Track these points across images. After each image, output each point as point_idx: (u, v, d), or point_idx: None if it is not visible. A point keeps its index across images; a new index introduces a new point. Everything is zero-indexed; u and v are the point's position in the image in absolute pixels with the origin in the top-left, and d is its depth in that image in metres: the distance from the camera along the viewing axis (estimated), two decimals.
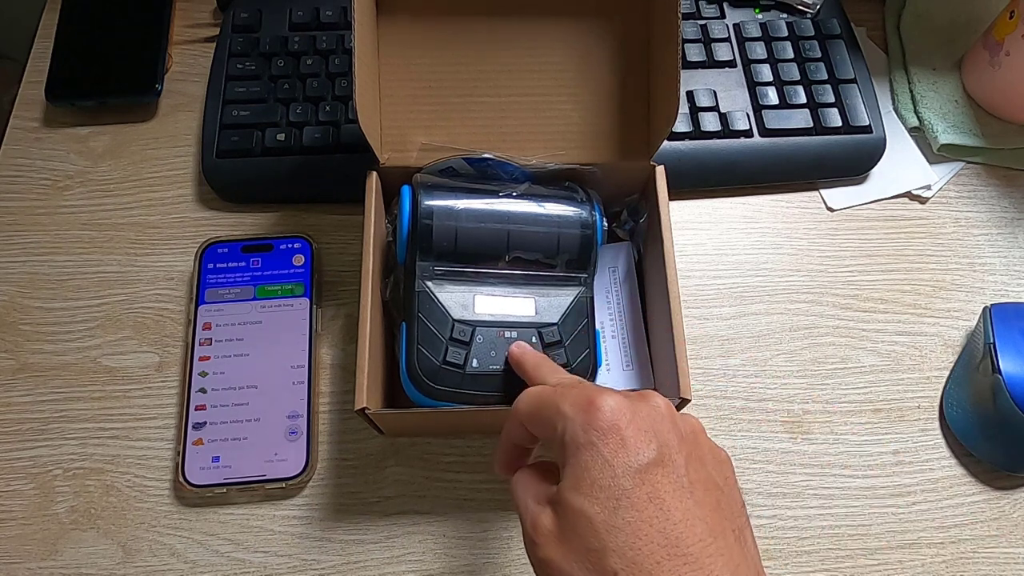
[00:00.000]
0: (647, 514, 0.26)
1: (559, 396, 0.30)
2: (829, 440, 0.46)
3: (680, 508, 0.27)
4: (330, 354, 0.47)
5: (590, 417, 0.28)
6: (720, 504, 0.28)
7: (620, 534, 0.26)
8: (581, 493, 0.27)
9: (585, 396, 0.29)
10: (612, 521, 0.26)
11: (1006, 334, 0.45)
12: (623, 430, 0.28)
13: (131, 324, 0.48)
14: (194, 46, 0.57)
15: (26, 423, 0.45)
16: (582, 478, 0.28)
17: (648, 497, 0.27)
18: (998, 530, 0.44)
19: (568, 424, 0.29)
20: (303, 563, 0.42)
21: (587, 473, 0.27)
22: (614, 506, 0.27)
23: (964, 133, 0.54)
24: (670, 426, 0.29)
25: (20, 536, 0.43)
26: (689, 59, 0.54)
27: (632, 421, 0.28)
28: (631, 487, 0.27)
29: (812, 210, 0.53)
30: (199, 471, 0.43)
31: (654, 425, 0.29)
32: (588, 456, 0.28)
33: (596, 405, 0.28)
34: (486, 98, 0.45)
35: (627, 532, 0.26)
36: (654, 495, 0.27)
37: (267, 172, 0.50)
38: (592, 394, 0.29)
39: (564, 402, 0.30)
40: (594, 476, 0.27)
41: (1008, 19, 0.51)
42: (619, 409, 0.28)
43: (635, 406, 0.29)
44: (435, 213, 0.41)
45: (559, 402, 0.30)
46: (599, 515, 0.27)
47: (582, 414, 0.29)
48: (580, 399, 0.29)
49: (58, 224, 0.51)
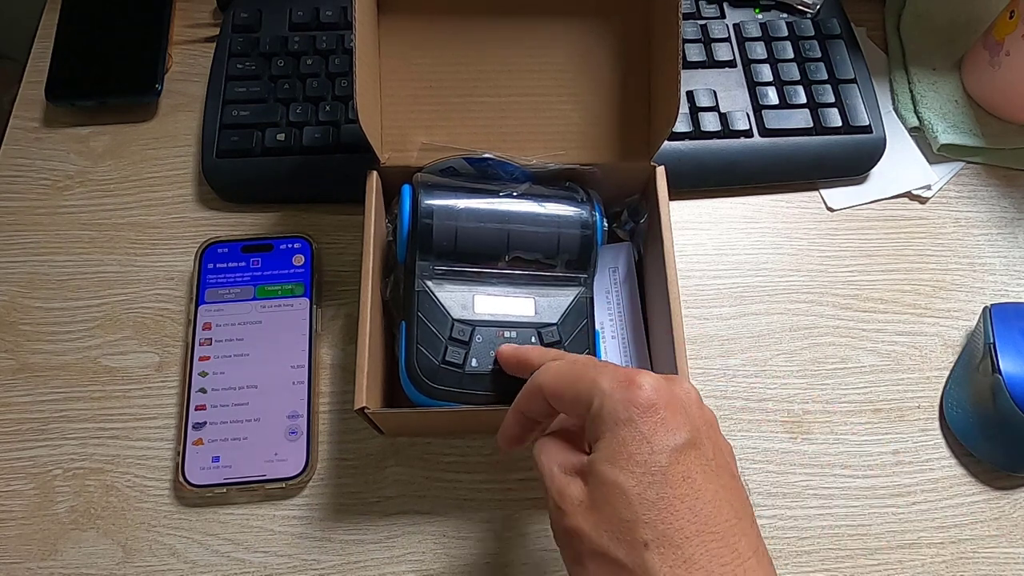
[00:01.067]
0: (680, 491, 0.27)
1: (594, 372, 0.31)
2: (829, 440, 0.46)
3: (710, 489, 0.28)
4: (330, 354, 0.47)
5: (630, 394, 0.29)
6: (738, 491, 0.29)
7: (653, 508, 0.27)
8: (617, 466, 0.28)
9: (624, 373, 0.30)
10: (646, 495, 0.27)
11: (1006, 334, 0.45)
12: (661, 410, 0.29)
13: (131, 324, 0.48)
14: (194, 46, 0.57)
15: (26, 423, 0.45)
16: (619, 452, 0.28)
17: (682, 476, 0.28)
18: (998, 530, 0.44)
19: (607, 399, 0.29)
20: (303, 563, 0.42)
21: (624, 447, 0.28)
22: (649, 481, 0.27)
23: (964, 133, 0.54)
24: (699, 412, 0.30)
25: (20, 536, 0.43)
26: (689, 59, 0.54)
27: (669, 402, 0.29)
28: (667, 464, 0.28)
29: (812, 210, 0.53)
30: (199, 471, 0.43)
31: (686, 408, 0.30)
32: (626, 431, 0.28)
33: (636, 383, 0.29)
34: (487, 98, 0.45)
35: (660, 507, 0.27)
36: (687, 475, 0.28)
37: (267, 172, 0.50)
38: (631, 372, 0.30)
39: (602, 378, 0.30)
40: (631, 451, 0.28)
41: (1008, 19, 0.51)
42: (658, 389, 0.29)
43: (671, 388, 0.30)
44: (435, 213, 0.41)
45: (596, 378, 0.30)
46: (634, 488, 0.28)
47: (621, 390, 0.29)
48: (619, 376, 0.30)
49: (58, 224, 0.51)
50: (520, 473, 0.45)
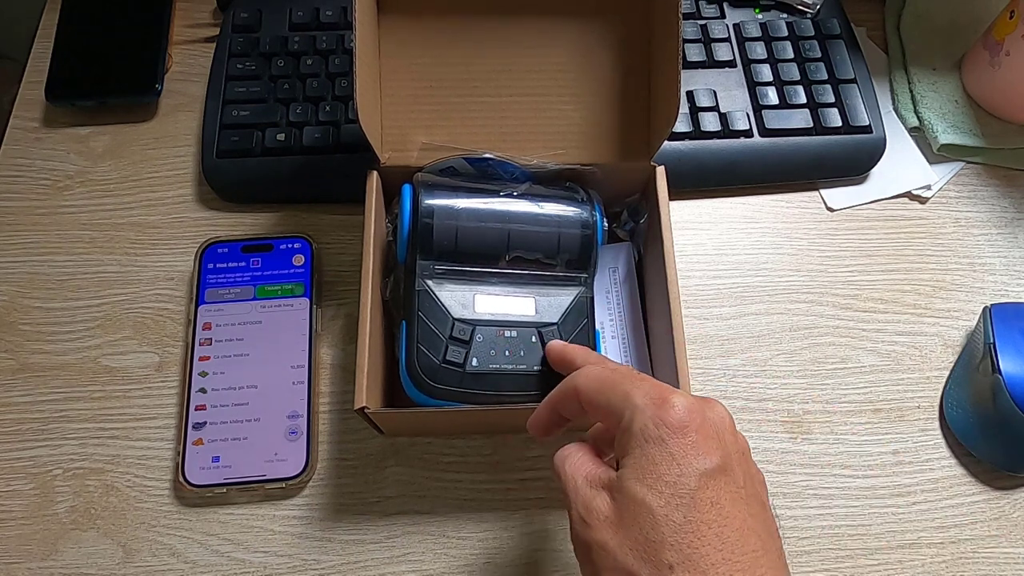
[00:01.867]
0: (708, 516, 0.27)
1: (630, 384, 0.30)
2: (829, 440, 0.46)
3: (738, 517, 0.28)
4: (330, 354, 0.47)
5: (663, 413, 0.29)
6: (768, 521, 0.29)
7: (680, 531, 0.27)
8: (645, 484, 0.28)
9: (658, 391, 0.30)
10: (673, 517, 0.27)
11: (1006, 334, 0.45)
12: (693, 432, 0.28)
13: (131, 324, 0.48)
14: (194, 46, 0.57)
15: (26, 423, 0.45)
16: (648, 470, 0.28)
17: (711, 501, 0.27)
18: (998, 530, 0.44)
19: (638, 415, 0.29)
20: (303, 563, 0.42)
21: (654, 466, 0.28)
22: (676, 503, 0.27)
23: (964, 133, 0.54)
24: (731, 438, 0.30)
25: (20, 536, 0.43)
26: (689, 59, 0.54)
27: (702, 426, 0.29)
28: (696, 488, 0.27)
29: (812, 210, 0.53)
30: (199, 471, 0.43)
31: (719, 433, 0.29)
32: (656, 450, 0.28)
33: (670, 402, 0.29)
34: (487, 98, 0.45)
35: (687, 530, 0.27)
36: (716, 500, 0.27)
37: (267, 172, 0.50)
38: (665, 391, 0.30)
39: (636, 392, 0.30)
40: (661, 471, 0.28)
41: (1008, 19, 0.51)
42: (691, 411, 0.29)
43: (704, 411, 0.30)
44: (436, 212, 0.41)
45: (630, 391, 0.30)
46: (661, 509, 0.27)
47: (654, 408, 0.29)
48: (653, 393, 0.30)
49: (58, 224, 0.51)
50: (520, 473, 0.45)
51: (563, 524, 0.43)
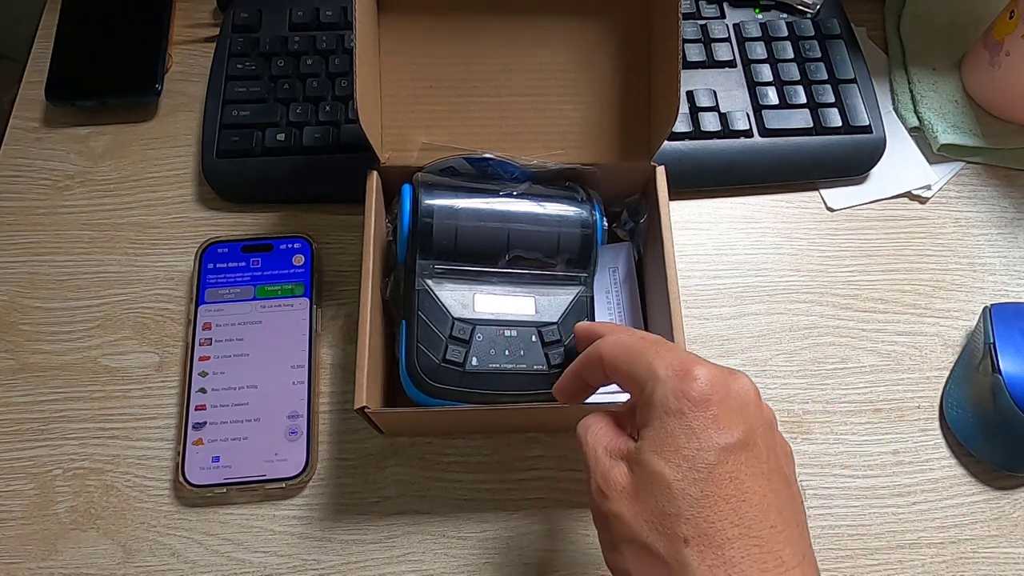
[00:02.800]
0: (726, 491, 0.27)
1: (653, 354, 0.30)
2: (829, 440, 0.46)
3: (757, 492, 0.27)
4: (330, 354, 0.47)
5: (684, 385, 0.28)
6: (791, 496, 0.29)
7: (696, 504, 0.27)
8: (663, 457, 0.28)
9: (681, 362, 0.29)
10: (690, 491, 0.27)
11: (1006, 334, 0.45)
12: (715, 406, 0.28)
13: (131, 324, 0.48)
14: (194, 46, 0.57)
15: (26, 423, 0.45)
16: (666, 443, 0.28)
17: (729, 476, 0.27)
18: (998, 530, 0.44)
19: (659, 386, 0.29)
20: (303, 563, 0.42)
21: (672, 439, 0.28)
22: (694, 477, 0.27)
23: (964, 133, 0.54)
24: (756, 411, 0.29)
25: (20, 536, 0.43)
26: (689, 59, 0.54)
27: (725, 399, 0.28)
28: (714, 463, 0.27)
29: (812, 210, 0.53)
30: (199, 471, 0.43)
31: (743, 407, 0.29)
32: (676, 423, 0.28)
33: (692, 375, 0.28)
34: (487, 98, 0.45)
35: (703, 504, 0.27)
36: (735, 475, 0.27)
37: (267, 172, 0.50)
38: (688, 362, 0.29)
39: (659, 363, 0.29)
40: (679, 444, 0.28)
41: (1008, 19, 0.51)
42: (714, 384, 0.28)
43: (728, 384, 0.29)
44: (436, 212, 0.41)
45: (653, 361, 0.30)
46: (678, 482, 0.27)
47: (676, 379, 0.29)
48: (676, 364, 0.29)
49: (58, 224, 0.51)
50: (520, 473, 0.45)
51: (564, 524, 0.43)
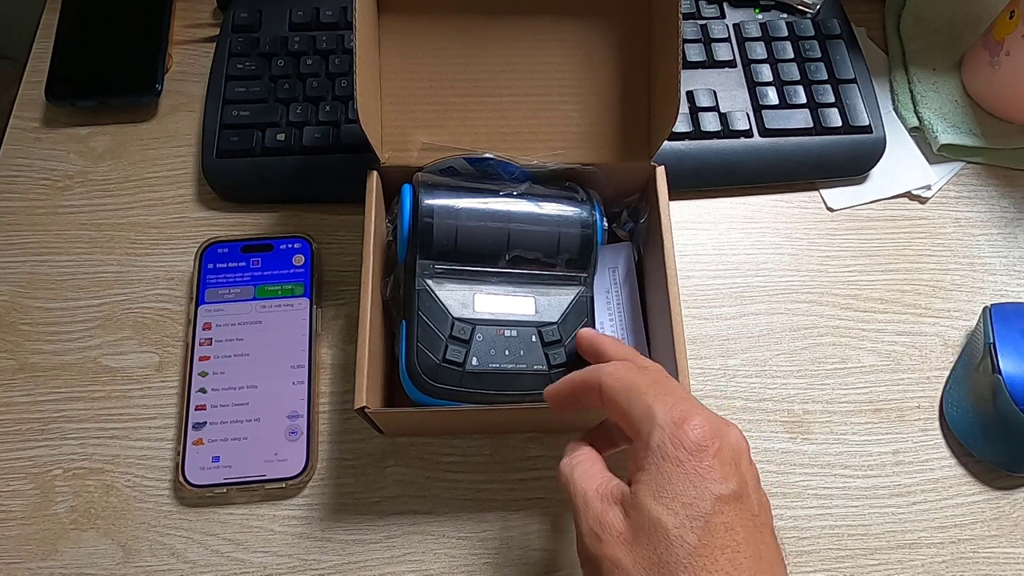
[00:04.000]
0: (721, 541, 0.27)
1: (652, 396, 0.30)
2: (829, 440, 0.46)
3: (751, 544, 0.27)
4: (330, 354, 0.47)
5: (681, 433, 0.29)
6: (777, 552, 0.29)
7: (694, 554, 0.27)
8: (661, 503, 0.28)
9: (680, 410, 0.29)
10: (687, 539, 0.27)
11: (1006, 334, 0.45)
12: (711, 456, 0.28)
13: (131, 324, 0.48)
14: (194, 46, 0.57)
15: (26, 423, 0.45)
16: (664, 489, 0.28)
17: (725, 526, 0.27)
18: (998, 530, 0.44)
19: (656, 431, 0.29)
20: (303, 563, 0.42)
21: (670, 486, 0.28)
22: (692, 525, 0.27)
23: (964, 133, 0.54)
24: (748, 466, 0.30)
25: (20, 536, 0.43)
26: (689, 59, 0.54)
27: (720, 450, 0.29)
28: (710, 512, 0.27)
29: (812, 210, 0.53)
30: (199, 471, 0.43)
31: (736, 459, 0.29)
32: (673, 469, 0.28)
33: (690, 423, 0.29)
34: (487, 98, 0.45)
35: (701, 554, 0.27)
36: (730, 526, 0.27)
37: (267, 172, 0.50)
38: (686, 410, 0.29)
39: (658, 407, 0.30)
40: (677, 491, 0.28)
41: (1008, 19, 0.51)
42: (710, 435, 0.29)
43: (723, 435, 0.29)
44: (436, 212, 0.41)
45: (652, 404, 0.30)
46: (675, 530, 0.27)
47: (673, 426, 0.29)
48: (675, 411, 0.29)
49: (58, 224, 0.51)
50: (520, 473, 0.45)
51: (564, 524, 0.43)
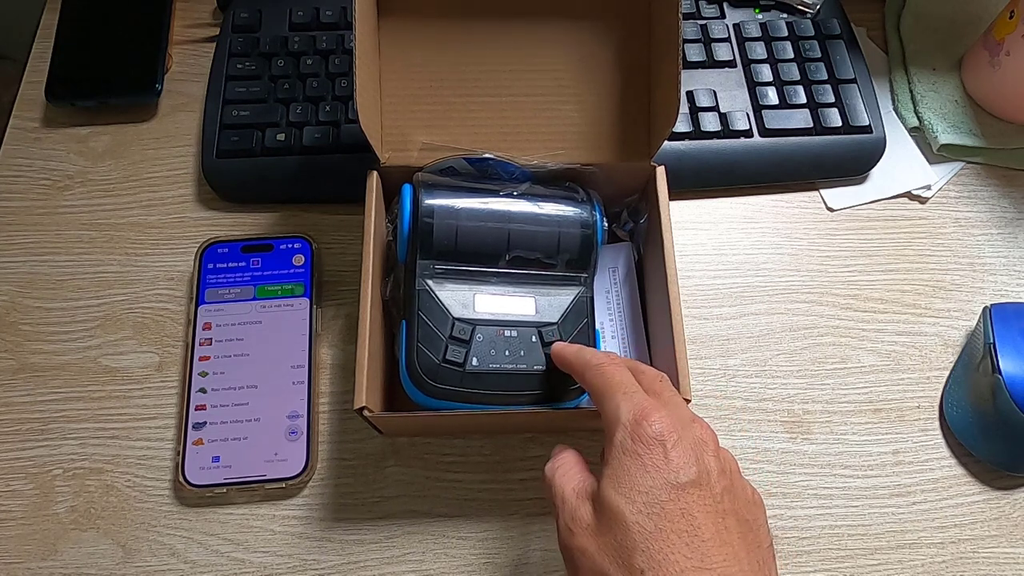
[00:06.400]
0: (678, 526, 0.29)
1: (622, 397, 0.33)
2: (829, 440, 0.46)
3: (710, 529, 0.29)
4: (330, 354, 0.47)
5: (640, 428, 0.31)
6: (746, 537, 0.30)
7: (650, 537, 0.29)
8: (620, 493, 0.30)
9: (643, 408, 0.32)
10: (644, 524, 0.29)
11: (1006, 334, 0.45)
12: (669, 449, 0.30)
13: (131, 324, 0.48)
14: (194, 46, 0.57)
15: (26, 423, 0.45)
16: (623, 480, 0.30)
17: (681, 512, 0.29)
18: (998, 530, 0.44)
19: (619, 429, 0.31)
20: (303, 563, 0.42)
21: (629, 477, 0.30)
22: (648, 512, 0.29)
23: (964, 133, 0.54)
24: (712, 457, 0.31)
25: (20, 536, 0.43)
26: (689, 59, 0.54)
27: (678, 443, 0.31)
28: (666, 499, 0.29)
29: (812, 210, 0.53)
30: (199, 471, 0.43)
31: (698, 451, 0.31)
32: (631, 462, 0.30)
33: (649, 419, 0.31)
34: (487, 98, 0.45)
35: (656, 537, 0.28)
36: (687, 511, 0.29)
37: (267, 172, 0.50)
38: (649, 408, 0.32)
39: (624, 406, 0.32)
40: (634, 480, 0.30)
41: (1008, 19, 0.51)
42: (668, 428, 0.31)
43: (684, 429, 0.31)
44: (436, 212, 0.41)
45: (620, 404, 0.32)
46: (633, 517, 0.29)
47: (633, 424, 0.31)
48: (637, 408, 0.32)
49: (58, 224, 0.51)
50: (521, 473, 0.45)
51: None
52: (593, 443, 0.36)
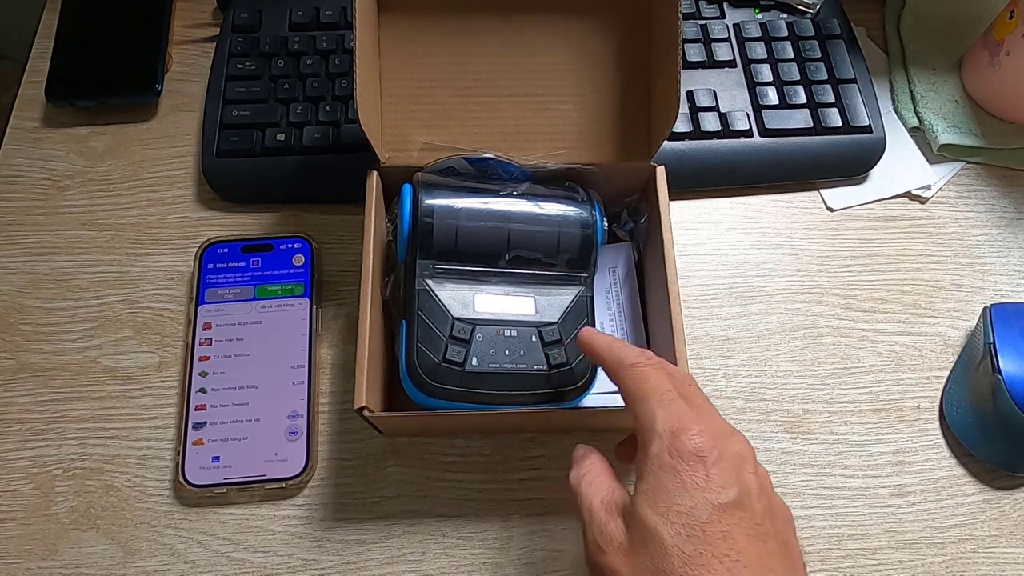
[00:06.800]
0: (719, 550, 0.27)
1: (658, 403, 0.30)
2: (829, 440, 0.46)
3: (753, 553, 0.27)
4: (330, 354, 0.47)
5: (678, 443, 0.29)
6: (787, 558, 0.28)
7: (690, 563, 0.27)
8: (657, 513, 0.28)
9: (680, 418, 0.29)
10: (683, 548, 0.27)
11: (1006, 334, 0.45)
12: (709, 465, 0.28)
13: (131, 324, 0.48)
14: (194, 46, 0.57)
15: (26, 423, 0.45)
16: (661, 498, 0.28)
17: (723, 535, 0.27)
18: (998, 530, 0.44)
19: (656, 440, 0.29)
20: (303, 563, 0.42)
21: (666, 495, 0.28)
22: (688, 535, 0.27)
23: (964, 133, 0.54)
24: (752, 475, 0.29)
25: (20, 536, 0.43)
26: (689, 59, 0.54)
27: (719, 459, 0.29)
28: (707, 521, 0.27)
29: (812, 210, 0.53)
30: (199, 471, 0.43)
31: (738, 468, 0.29)
32: (670, 479, 0.28)
33: (688, 432, 0.29)
34: (487, 98, 0.45)
35: (696, 563, 0.27)
36: (728, 534, 0.27)
37: (267, 172, 0.50)
38: (688, 418, 0.29)
39: (660, 415, 0.30)
40: (673, 500, 0.28)
41: (1008, 19, 0.51)
42: (710, 443, 0.29)
43: (724, 444, 0.29)
44: (436, 212, 0.41)
45: (656, 412, 0.30)
46: (671, 539, 0.27)
47: (671, 436, 0.29)
48: (675, 419, 0.29)
49: (58, 224, 0.51)
50: (520, 473, 0.45)
51: (564, 524, 0.43)
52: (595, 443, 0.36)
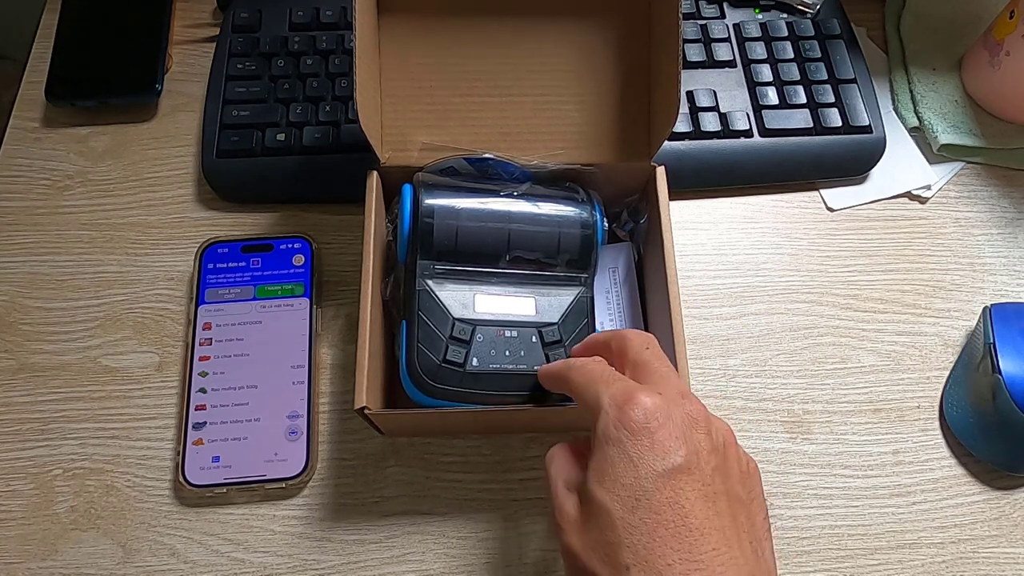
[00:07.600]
0: (665, 517, 0.27)
1: (605, 384, 0.31)
2: (829, 440, 0.46)
3: (699, 515, 0.27)
4: (330, 354, 0.47)
5: (623, 415, 0.29)
6: (738, 517, 0.29)
7: (636, 532, 0.27)
8: (604, 487, 0.28)
9: (624, 392, 0.30)
10: (629, 519, 0.27)
11: (1006, 334, 0.45)
12: (654, 433, 0.28)
13: (131, 324, 0.48)
14: (194, 46, 0.57)
15: (26, 423, 0.45)
16: (606, 472, 0.28)
17: (668, 501, 0.27)
18: (998, 530, 0.44)
19: (602, 416, 0.30)
20: (303, 563, 0.42)
21: (611, 468, 0.28)
22: (633, 505, 0.27)
23: (964, 133, 0.54)
24: (703, 435, 0.29)
25: (20, 536, 0.43)
26: (689, 59, 0.54)
27: (663, 425, 0.29)
28: (652, 489, 0.28)
29: (812, 210, 0.53)
30: (199, 471, 0.43)
31: (686, 431, 0.29)
32: (615, 452, 0.29)
33: (632, 403, 0.29)
34: (487, 98, 0.45)
35: (643, 531, 0.27)
36: (674, 500, 0.27)
37: (267, 172, 0.50)
38: (632, 391, 0.30)
39: (605, 393, 0.30)
40: (618, 472, 0.28)
41: (1008, 19, 0.51)
42: (653, 411, 0.29)
43: (671, 410, 0.29)
44: (436, 212, 0.41)
45: (601, 391, 0.31)
46: (618, 511, 0.28)
47: (616, 410, 0.29)
48: (619, 393, 0.30)
49: (58, 224, 0.51)
50: (521, 473, 0.45)
51: None
52: None
